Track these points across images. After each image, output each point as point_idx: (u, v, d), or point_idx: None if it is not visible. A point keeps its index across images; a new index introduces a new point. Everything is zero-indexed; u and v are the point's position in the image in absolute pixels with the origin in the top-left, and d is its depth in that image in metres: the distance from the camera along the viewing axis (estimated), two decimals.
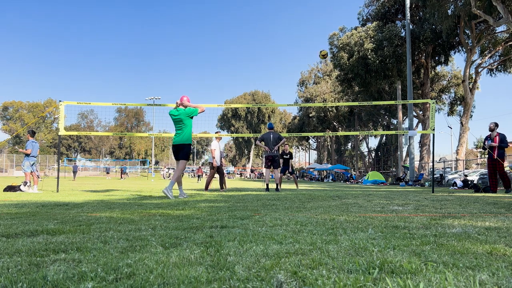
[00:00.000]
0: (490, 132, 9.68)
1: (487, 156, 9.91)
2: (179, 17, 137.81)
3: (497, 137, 9.49)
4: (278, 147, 9.66)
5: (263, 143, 9.63)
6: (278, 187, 9.98)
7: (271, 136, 9.56)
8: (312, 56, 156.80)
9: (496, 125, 9.65)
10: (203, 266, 1.60)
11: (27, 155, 9.60)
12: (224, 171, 11.12)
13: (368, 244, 2.08)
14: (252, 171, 67.15)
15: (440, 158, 43.73)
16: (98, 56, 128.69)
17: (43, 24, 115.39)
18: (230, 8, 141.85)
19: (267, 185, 9.82)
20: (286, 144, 12.18)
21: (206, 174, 55.30)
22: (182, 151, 6.83)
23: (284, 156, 12.52)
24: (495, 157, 9.45)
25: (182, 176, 8.77)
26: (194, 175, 54.17)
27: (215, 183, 13.87)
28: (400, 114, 30.36)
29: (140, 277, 1.44)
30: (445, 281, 1.34)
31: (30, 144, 9.67)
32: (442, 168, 27.00)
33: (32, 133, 10.01)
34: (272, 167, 9.77)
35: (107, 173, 45.61)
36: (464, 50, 25.87)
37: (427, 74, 29.39)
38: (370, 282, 1.35)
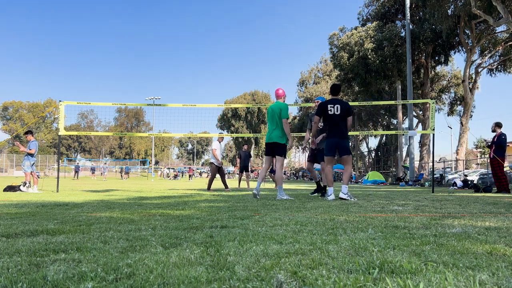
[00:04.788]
0: (495, 133, 9.76)
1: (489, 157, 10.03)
2: (179, 17, 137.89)
3: (496, 137, 9.60)
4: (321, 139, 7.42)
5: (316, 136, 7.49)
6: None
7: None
8: (312, 56, 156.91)
9: (497, 125, 9.67)
10: (203, 266, 1.60)
11: (29, 154, 9.60)
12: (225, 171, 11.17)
13: (368, 244, 2.08)
14: (252, 171, 67.17)
15: (440, 158, 43.71)
16: (98, 56, 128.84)
17: (43, 24, 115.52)
18: (230, 8, 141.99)
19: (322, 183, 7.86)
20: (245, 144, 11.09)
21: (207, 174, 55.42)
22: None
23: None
24: (491, 156, 9.58)
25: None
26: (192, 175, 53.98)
27: (216, 183, 13.88)
28: (400, 114, 30.35)
29: (140, 277, 1.44)
30: (445, 281, 1.34)
31: (33, 144, 9.67)
32: (442, 168, 27.00)
33: (32, 133, 10.01)
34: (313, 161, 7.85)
35: (92, 173, 42.41)
36: (464, 50, 25.87)
37: (427, 74, 29.39)
38: (370, 282, 1.35)
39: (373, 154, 52.33)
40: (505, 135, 9.57)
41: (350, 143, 5.60)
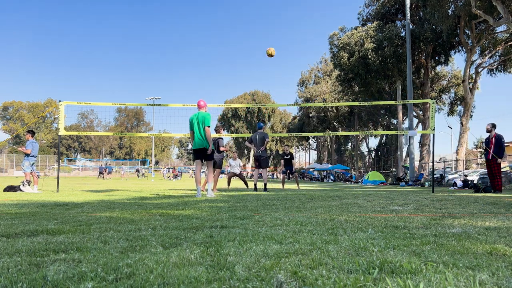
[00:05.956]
0: (488, 134, 9.87)
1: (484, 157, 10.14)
2: (179, 17, 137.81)
3: (493, 138, 9.66)
4: (265, 147, 9.85)
5: (252, 144, 9.93)
6: (266, 187, 10.08)
7: (257, 136, 9.82)
8: (313, 56, 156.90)
9: (493, 126, 9.84)
10: (203, 266, 1.60)
11: (27, 154, 9.60)
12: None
13: (368, 244, 2.08)
14: (253, 170, 67.16)
15: (440, 158, 43.71)
16: (98, 56, 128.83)
17: (43, 24, 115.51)
18: (230, 7, 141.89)
19: (255, 185, 10.03)
20: (286, 145, 12.82)
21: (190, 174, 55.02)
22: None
23: (285, 157, 12.54)
24: (490, 157, 9.64)
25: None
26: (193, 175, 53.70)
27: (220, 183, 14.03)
28: (400, 114, 30.35)
29: (140, 277, 1.44)
30: (445, 281, 1.34)
31: (30, 144, 9.67)
32: (442, 168, 26.98)
33: (32, 133, 10.01)
34: (260, 167, 9.93)
35: (109, 173, 39.66)
36: (464, 50, 25.86)
37: (427, 74, 29.38)
38: (370, 282, 1.35)
39: (373, 154, 52.35)
40: (502, 135, 9.69)
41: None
